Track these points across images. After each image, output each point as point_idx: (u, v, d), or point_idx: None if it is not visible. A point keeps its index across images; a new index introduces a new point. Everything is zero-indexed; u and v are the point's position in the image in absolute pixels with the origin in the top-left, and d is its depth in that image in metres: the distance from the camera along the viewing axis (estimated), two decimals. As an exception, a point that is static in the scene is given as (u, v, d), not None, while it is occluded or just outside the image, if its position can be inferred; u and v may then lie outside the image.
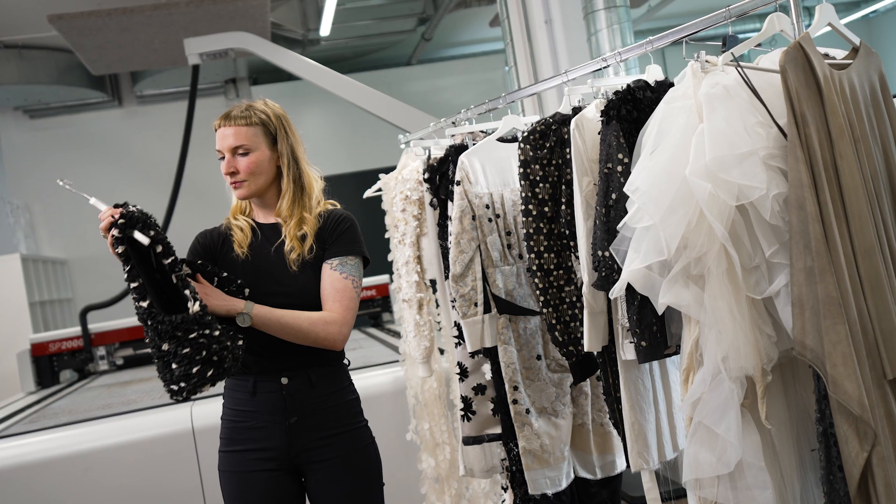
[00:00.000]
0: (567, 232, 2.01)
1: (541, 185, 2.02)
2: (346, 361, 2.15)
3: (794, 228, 1.41)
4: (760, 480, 1.52)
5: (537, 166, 2.02)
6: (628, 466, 1.94)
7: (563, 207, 2.01)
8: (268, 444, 2.02)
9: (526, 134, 2.04)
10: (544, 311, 2.04)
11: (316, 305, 2.02)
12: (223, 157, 2.07)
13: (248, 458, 2.02)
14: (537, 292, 2.05)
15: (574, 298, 2.03)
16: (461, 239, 2.27)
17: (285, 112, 2.14)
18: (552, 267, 2.03)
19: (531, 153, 2.03)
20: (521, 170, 2.04)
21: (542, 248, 2.02)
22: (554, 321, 2.04)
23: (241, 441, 2.02)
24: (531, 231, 2.03)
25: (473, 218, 2.28)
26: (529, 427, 2.28)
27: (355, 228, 2.11)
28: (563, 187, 2.01)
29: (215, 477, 2.11)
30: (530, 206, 2.03)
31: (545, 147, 2.02)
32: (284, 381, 2.02)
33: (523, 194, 2.04)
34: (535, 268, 2.03)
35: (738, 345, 1.48)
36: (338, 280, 2.03)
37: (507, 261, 2.30)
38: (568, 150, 1.95)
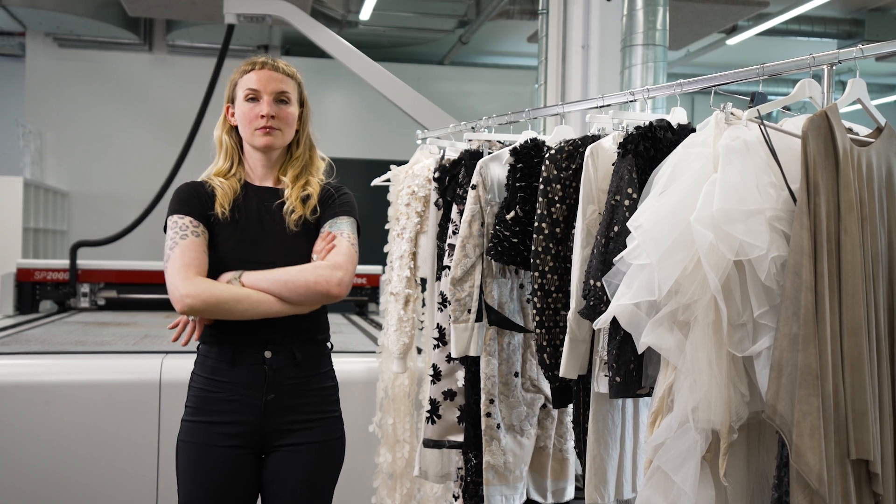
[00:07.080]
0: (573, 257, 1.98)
1: (558, 205, 1.99)
2: (329, 344, 2.08)
3: (787, 293, 1.41)
4: (708, 535, 1.52)
5: (558, 186, 1.99)
6: (578, 498, 1.94)
7: (574, 231, 1.98)
8: (239, 419, 1.92)
9: (553, 152, 2.00)
10: (537, 331, 2.00)
11: None
12: (254, 99, 1.98)
13: (215, 431, 1.92)
14: (534, 312, 2.00)
15: (569, 323, 2.00)
16: (467, 244, 2.24)
17: None
18: (553, 289, 1.99)
19: (555, 172, 1.99)
20: (542, 187, 1.99)
21: (546, 269, 1.99)
22: (545, 343, 2.00)
23: (210, 412, 1.92)
24: (539, 249, 1.99)
25: (482, 224, 2.26)
26: (497, 442, 2.27)
27: (353, 201, 2.08)
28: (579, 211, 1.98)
29: (174, 433, 2.03)
30: (543, 225, 1.99)
31: (570, 168, 1.99)
32: (268, 354, 1.93)
33: (539, 211, 2.00)
34: (536, 286, 1.99)
35: (710, 397, 1.48)
36: (334, 237, 1.97)
37: (506, 274, 2.29)
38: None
